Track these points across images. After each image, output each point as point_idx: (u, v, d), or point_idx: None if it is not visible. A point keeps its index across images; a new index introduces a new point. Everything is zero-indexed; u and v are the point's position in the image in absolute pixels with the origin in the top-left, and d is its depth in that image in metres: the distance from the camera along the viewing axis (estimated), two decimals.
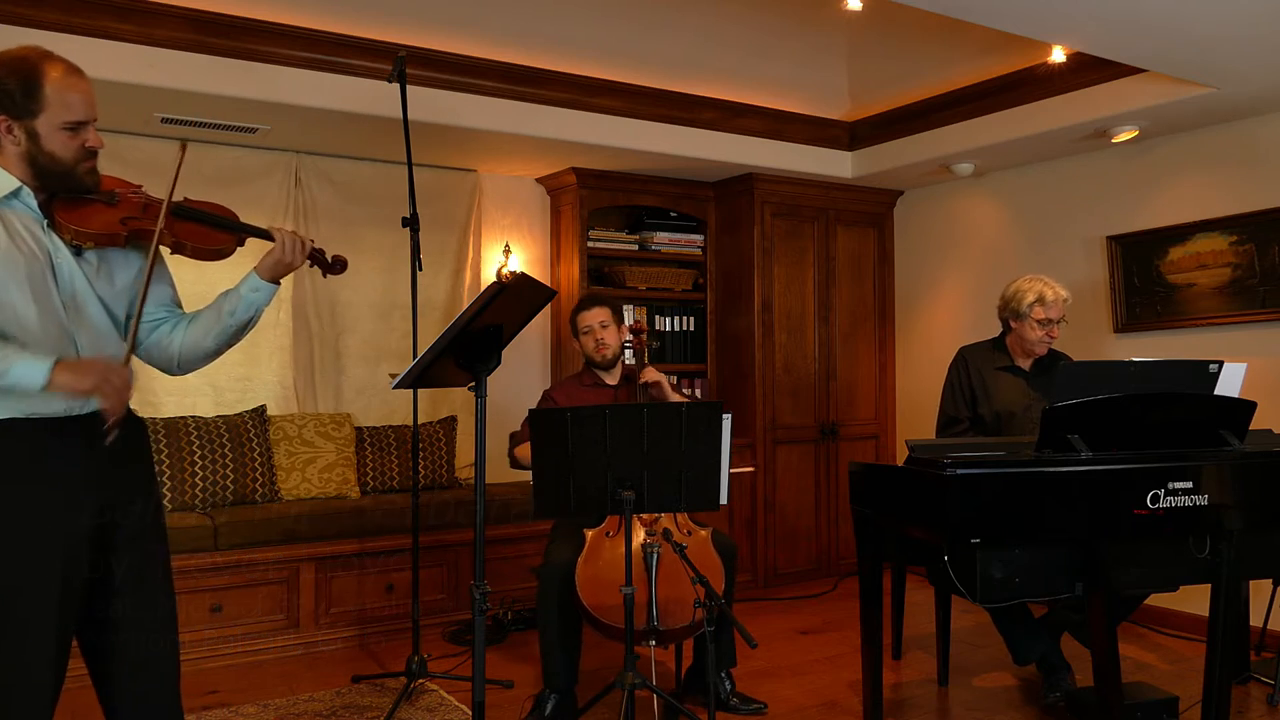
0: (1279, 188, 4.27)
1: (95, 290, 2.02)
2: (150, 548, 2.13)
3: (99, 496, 2.02)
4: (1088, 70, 4.31)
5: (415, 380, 2.61)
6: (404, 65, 3.62)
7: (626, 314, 5.48)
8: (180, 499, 4.30)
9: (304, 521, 4.31)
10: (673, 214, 5.72)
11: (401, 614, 4.36)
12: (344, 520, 4.41)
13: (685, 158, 5.13)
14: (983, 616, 4.38)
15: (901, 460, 3.02)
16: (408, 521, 4.14)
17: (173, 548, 2.24)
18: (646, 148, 4.95)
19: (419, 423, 4.00)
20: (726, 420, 2.94)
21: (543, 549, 3.67)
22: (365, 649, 4.34)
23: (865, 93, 5.28)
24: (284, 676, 3.97)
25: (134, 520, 2.09)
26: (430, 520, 4.45)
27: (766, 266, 5.56)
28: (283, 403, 4.87)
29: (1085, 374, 2.93)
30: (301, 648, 4.26)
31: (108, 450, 2.01)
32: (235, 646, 4.11)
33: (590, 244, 5.41)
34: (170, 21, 3.78)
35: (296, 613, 4.28)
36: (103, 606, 2.06)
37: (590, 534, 3.31)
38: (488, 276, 5.33)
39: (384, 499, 4.67)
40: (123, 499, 2.07)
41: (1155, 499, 2.66)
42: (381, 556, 4.44)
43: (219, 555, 4.09)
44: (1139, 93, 4.22)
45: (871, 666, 3.22)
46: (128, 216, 2.01)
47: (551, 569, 3.34)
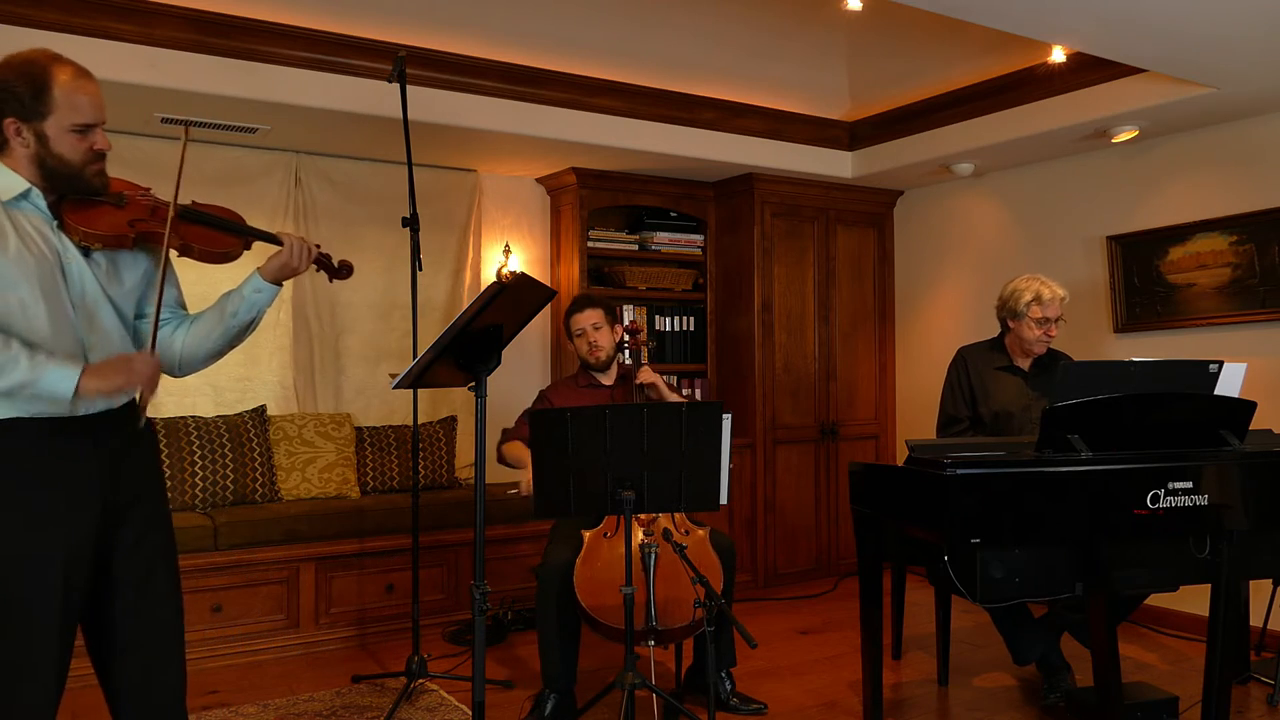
0: (1279, 188, 4.27)
1: (105, 290, 2.04)
2: (157, 547, 2.14)
3: (105, 496, 2.02)
4: (1088, 70, 4.31)
5: (415, 380, 2.61)
6: (404, 65, 3.62)
7: (626, 314, 5.48)
8: (180, 499, 4.30)
9: (304, 521, 4.32)
10: (673, 214, 5.72)
11: (401, 614, 4.36)
12: (344, 520, 4.41)
13: (685, 158, 5.13)
14: (983, 616, 4.38)
15: (901, 460, 3.02)
16: (408, 521, 4.14)
17: None
18: (646, 148, 4.95)
19: (419, 423, 4.00)
20: (726, 420, 2.94)
21: (542, 549, 3.67)
22: (365, 649, 4.34)
23: (865, 93, 5.28)
24: (284, 676, 3.97)
25: (140, 520, 2.09)
26: (430, 520, 4.46)
27: (766, 266, 5.56)
28: (283, 403, 4.87)
29: (1085, 374, 2.93)
30: (301, 648, 4.26)
31: (113, 450, 2.02)
32: (235, 646, 4.11)
33: (590, 244, 5.41)
34: (170, 21, 3.78)
35: (296, 613, 4.28)
36: (109, 607, 2.06)
37: (588, 535, 3.31)
38: (488, 276, 5.33)
39: (384, 499, 4.67)
40: (129, 498, 2.07)
41: (1155, 499, 2.66)
42: (381, 556, 4.44)
43: (219, 555, 4.09)
44: (1139, 93, 4.22)
45: (871, 666, 3.22)
46: (136, 219, 2.03)
47: (550, 569, 3.34)
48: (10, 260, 1.91)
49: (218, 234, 2.12)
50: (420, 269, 3.74)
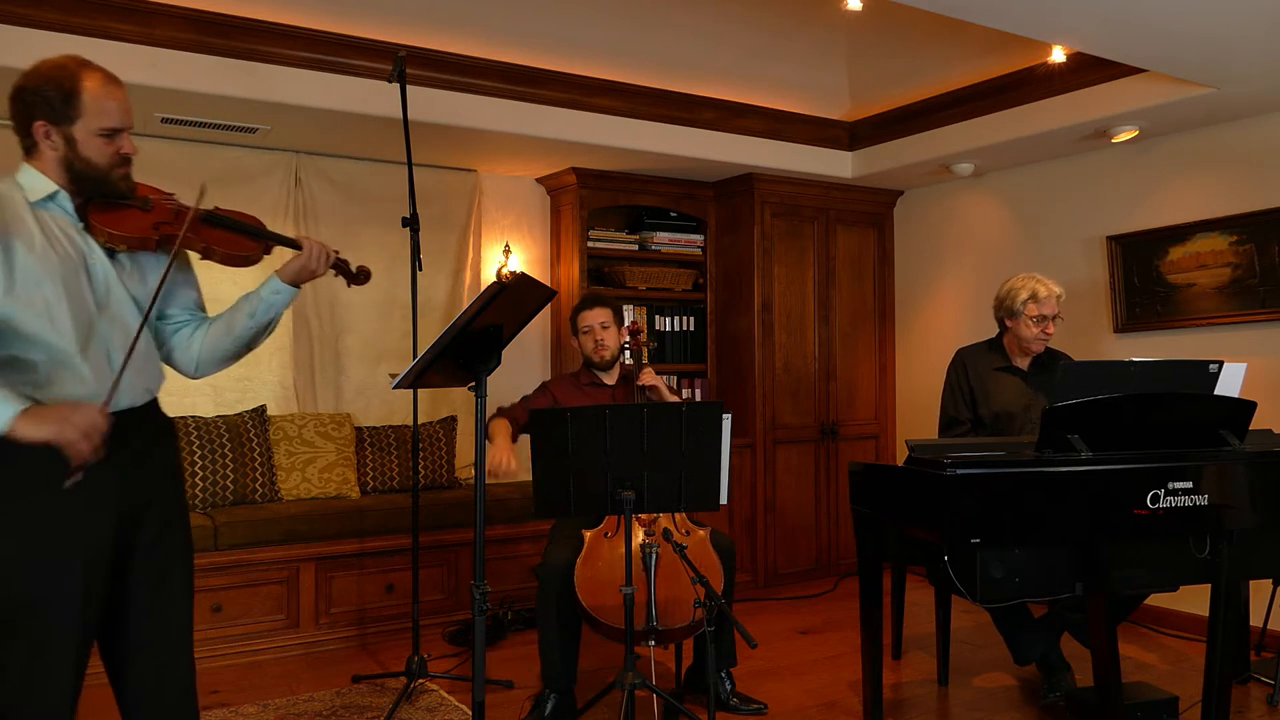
0: (1279, 188, 4.28)
1: (128, 291, 2.07)
2: (175, 548, 2.16)
3: (125, 498, 2.04)
4: (1088, 70, 4.31)
5: (415, 380, 2.61)
6: (404, 65, 3.62)
7: (626, 314, 5.48)
8: None
9: (304, 521, 4.31)
10: (673, 214, 5.72)
11: (401, 614, 4.36)
12: (344, 520, 4.41)
13: (685, 158, 5.13)
14: (983, 616, 4.38)
15: (901, 460, 3.02)
16: (408, 521, 4.14)
17: None
18: (646, 148, 4.95)
19: (419, 423, 4.00)
20: (726, 420, 2.94)
21: (542, 549, 3.67)
22: (365, 649, 4.34)
23: (865, 93, 5.28)
24: (284, 676, 3.97)
25: (159, 520, 2.11)
26: (430, 520, 4.46)
27: (766, 266, 5.56)
28: (283, 403, 4.87)
29: (1085, 374, 2.93)
30: (301, 648, 4.26)
31: (135, 451, 2.04)
32: (235, 646, 4.11)
33: (590, 244, 5.41)
34: (170, 21, 3.78)
35: (296, 613, 4.28)
36: (124, 607, 2.08)
37: (589, 535, 3.30)
38: (488, 276, 5.34)
39: (384, 499, 4.67)
40: (149, 499, 2.09)
41: (1155, 499, 2.66)
42: (381, 556, 4.44)
43: (219, 555, 4.09)
44: (1139, 93, 4.22)
45: (871, 666, 3.22)
46: (159, 222, 2.08)
47: (551, 569, 3.34)
48: (36, 258, 1.95)
49: (239, 238, 2.16)
50: (420, 269, 3.74)
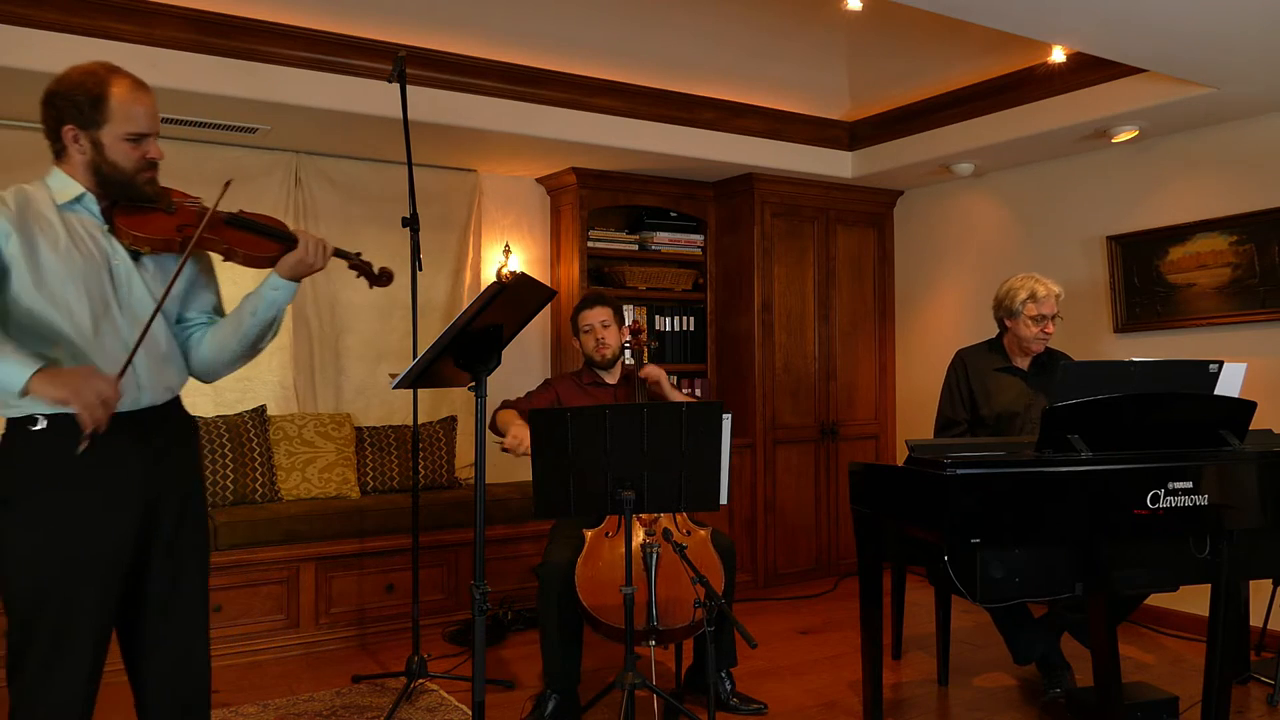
0: (1279, 188, 4.28)
1: (151, 293, 2.09)
2: (193, 545, 2.18)
3: (146, 495, 2.06)
4: (1088, 70, 4.31)
5: (415, 380, 2.61)
6: (404, 65, 3.62)
7: (626, 314, 5.48)
8: None
9: (304, 521, 4.32)
10: (673, 214, 5.72)
11: (401, 614, 4.36)
12: (344, 520, 4.41)
13: (685, 158, 5.13)
14: (983, 616, 4.38)
15: (901, 460, 3.02)
16: (408, 521, 4.14)
17: None
18: (646, 148, 4.95)
19: (419, 423, 4.00)
20: (727, 420, 2.94)
21: (542, 549, 3.67)
22: (365, 649, 4.34)
23: (865, 93, 5.28)
24: (284, 676, 3.97)
25: (178, 517, 2.13)
26: (430, 520, 4.45)
27: (766, 266, 5.56)
28: (283, 403, 4.87)
29: (1086, 374, 2.93)
30: (301, 648, 4.26)
31: (156, 449, 2.07)
32: (235, 646, 4.11)
33: (590, 244, 5.41)
34: (170, 21, 3.78)
35: (296, 613, 4.28)
36: (142, 603, 2.10)
37: (589, 534, 3.30)
38: (488, 276, 5.34)
39: (384, 499, 4.67)
40: (169, 496, 2.11)
41: (1155, 499, 2.66)
42: (381, 556, 4.44)
43: (219, 555, 4.08)
44: (1139, 93, 4.22)
45: (871, 666, 3.22)
46: (183, 224, 2.11)
47: (551, 569, 3.34)
48: (59, 258, 1.98)
49: (261, 239, 2.18)
50: (420, 269, 3.74)
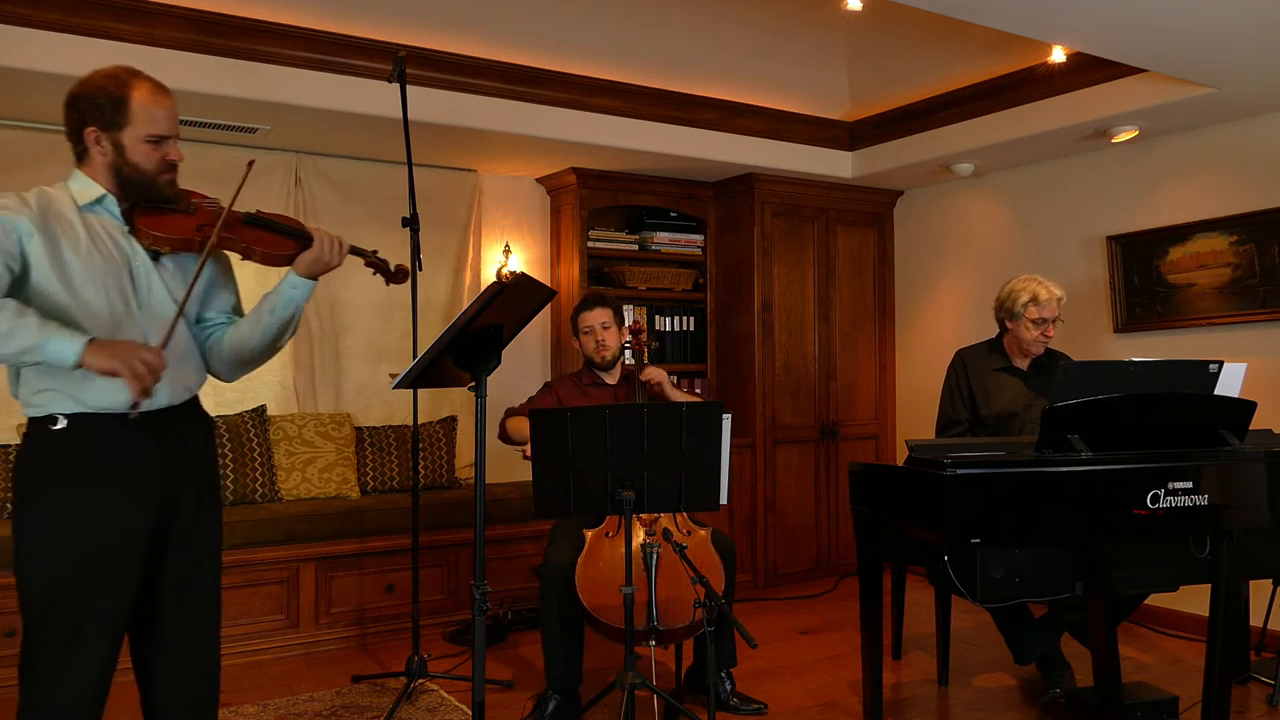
0: (1279, 188, 4.28)
1: (171, 293, 2.12)
2: (207, 541, 2.20)
3: (162, 492, 2.07)
4: (1088, 70, 4.31)
5: (415, 380, 2.61)
6: (404, 65, 3.62)
7: (626, 314, 5.48)
8: None
9: (304, 521, 4.31)
10: (673, 214, 5.72)
11: (401, 614, 4.36)
12: (344, 520, 4.41)
13: (685, 158, 5.13)
14: (983, 616, 4.38)
15: (901, 460, 3.02)
16: (408, 521, 4.14)
17: None
18: (646, 148, 4.95)
19: (419, 423, 4.00)
20: (727, 420, 2.94)
21: (543, 549, 3.67)
22: (365, 649, 4.34)
23: (865, 93, 5.28)
24: (284, 676, 3.97)
25: (193, 513, 2.15)
26: (430, 520, 4.45)
27: (766, 266, 5.56)
28: (283, 403, 4.87)
29: (1086, 374, 2.93)
30: (301, 648, 4.26)
31: (173, 446, 2.09)
32: (235, 646, 4.10)
33: (590, 244, 5.41)
34: (170, 21, 3.78)
35: (296, 613, 4.28)
36: (155, 598, 2.11)
37: (590, 534, 3.30)
38: (488, 276, 5.33)
39: (384, 499, 4.67)
40: (185, 492, 2.13)
41: (1155, 499, 2.66)
42: (381, 556, 4.44)
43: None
44: (1139, 93, 4.22)
45: (871, 666, 3.22)
46: (202, 224, 2.13)
47: (552, 569, 3.34)
48: (80, 258, 2.01)
49: (278, 238, 2.19)
50: (420, 269, 3.73)
